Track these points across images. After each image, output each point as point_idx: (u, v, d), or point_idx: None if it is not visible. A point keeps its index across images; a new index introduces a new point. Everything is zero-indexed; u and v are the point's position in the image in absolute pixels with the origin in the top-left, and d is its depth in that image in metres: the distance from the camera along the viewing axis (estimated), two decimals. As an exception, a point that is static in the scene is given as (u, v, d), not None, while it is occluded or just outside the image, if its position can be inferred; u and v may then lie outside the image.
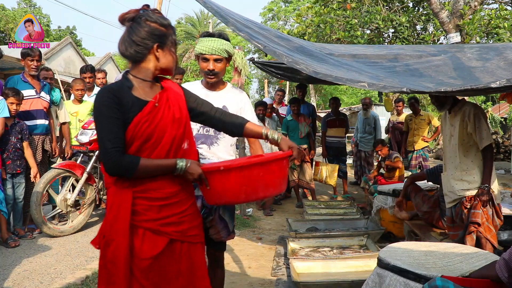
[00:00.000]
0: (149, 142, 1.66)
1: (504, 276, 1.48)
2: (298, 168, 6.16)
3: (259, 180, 1.76)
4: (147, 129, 1.64)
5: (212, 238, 2.30)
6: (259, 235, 4.78)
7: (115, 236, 1.63)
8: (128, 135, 1.63)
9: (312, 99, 24.97)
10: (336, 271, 3.31)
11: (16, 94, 4.21)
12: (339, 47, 4.29)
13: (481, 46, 3.76)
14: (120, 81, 1.71)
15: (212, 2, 2.99)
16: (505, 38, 6.68)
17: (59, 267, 3.62)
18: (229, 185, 1.74)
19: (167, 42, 1.72)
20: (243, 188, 1.74)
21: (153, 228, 1.68)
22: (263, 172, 1.77)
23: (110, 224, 1.65)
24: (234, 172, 1.74)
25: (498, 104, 22.68)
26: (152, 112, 1.66)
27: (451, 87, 2.53)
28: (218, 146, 2.36)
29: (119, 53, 1.72)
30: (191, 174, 1.70)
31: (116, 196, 1.66)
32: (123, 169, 1.60)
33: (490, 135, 3.06)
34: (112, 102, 1.61)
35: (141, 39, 1.65)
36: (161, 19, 1.71)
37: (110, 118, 1.60)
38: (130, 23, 1.67)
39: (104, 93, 1.65)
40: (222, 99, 2.36)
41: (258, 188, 1.78)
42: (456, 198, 3.16)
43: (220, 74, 2.33)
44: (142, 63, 1.70)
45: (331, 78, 2.54)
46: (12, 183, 4.30)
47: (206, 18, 31.87)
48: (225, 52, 2.29)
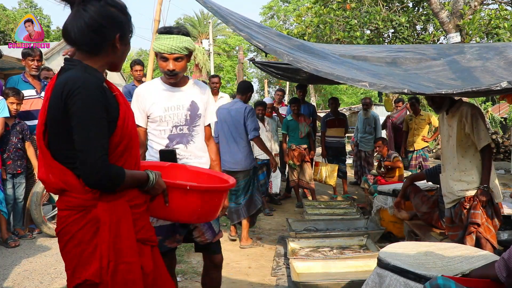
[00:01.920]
0: (132, 141, 1.49)
1: (503, 276, 1.48)
2: (298, 168, 6.16)
3: (213, 205, 1.77)
4: (131, 123, 1.49)
5: (197, 241, 2.24)
6: (259, 235, 4.78)
7: (124, 259, 1.40)
8: (118, 133, 1.42)
9: (312, 99, 24.97)
10: (336, 271, 3.31)
11: (16, 94, 4.21)
12: (338, 48, 4.29)
13: (481, 46, 3.76)
14: (88, 73, 1.40)
15: (212, 2, 2.99)
16: (505, 38, 6.68)
17: (59, 267, 3.62)
18: (186, 205, 1.68)
19: (128, 33, 1.50)
20: (198, 210, 1.70)
21: (141, 238, 1.50)
22: (218, 197, 1.79)
23: (113, 245, 1.39)
24: (196, 193, 1.69)
25: (498, 104, 22.68)
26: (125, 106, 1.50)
27: (452, 89, 2.53)
28: (195, 144, 2.29)
29: (68, 41, 1.42)
30: (156, 190, 1.55)
31: (112, 211, 1.41)
32: (111, 182, 1.37)
33: (488, 135, 3.05)
34: (104, 100, 1.38)
35: (100, 26, 1.39)
36: (121, 3, 1.48)
37: (102, 120, 1.37)
38: (83, 4, 1.39)
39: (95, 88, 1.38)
40: (190, 96, 2.28)
41: (209, 212, 1.78)
42: (455, 199, 3.15)
43: (181, 73, 2.20)
44: (98, 54, 1.44)
45: (332, 77, 2.53)
46: (13, 183, 4.30)
47: (206, 18, 31.87)
48: (185, 50, 2.13)
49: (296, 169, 6.16)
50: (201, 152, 2.33)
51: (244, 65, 22.79)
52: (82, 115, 1.34)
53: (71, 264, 1.43)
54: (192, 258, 3.86)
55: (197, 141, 2.31)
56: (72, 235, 1.41)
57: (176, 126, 2.25)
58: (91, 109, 1.35)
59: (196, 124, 2.30)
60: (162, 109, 2.24)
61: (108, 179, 1.36)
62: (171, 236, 2.17)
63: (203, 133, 2.35)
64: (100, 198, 1.41)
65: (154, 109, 2.24)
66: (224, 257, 2.45)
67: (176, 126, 2.25)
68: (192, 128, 2.28)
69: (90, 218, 1.40)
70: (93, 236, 1.40)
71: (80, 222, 1.40)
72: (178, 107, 2.26)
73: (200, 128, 2.33)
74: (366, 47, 4.44)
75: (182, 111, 2.26)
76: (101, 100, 1.37)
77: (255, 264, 3.82)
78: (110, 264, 1.38)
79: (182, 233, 2.22)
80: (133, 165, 1.54)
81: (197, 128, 2.31)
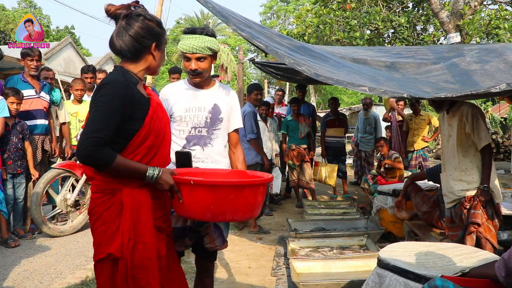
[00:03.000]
0: (159, 137, 1.68)
1: (502, 276, 1.48)
2: (298, 168, 6.16)
3: (229, 202, 1.68)
4: (159, 123, 1.68)
5: (206, 247, 2.18)
6: (259, 235, 4.78)
7: (142, 238, 1.58)
8: (144, 129, 1.62)
9: (312, 98, 24.98)
10: (336, 271, 3.31)
11: (16, 94, 4.21)
12: (338, 50, 4.30)
13: (481, 48, 3.75)
14: (123, 76, 1.65)
15: (213, 2, 2.99)
16: (505, 39, 6.67)
17: (59, 267, 3.62)
18: (196, 201, 1.67)
19: (163, 42, 1.75)
20: (210, 207, 1.67)
21: (158, 225, 1.69)
22: (235, 195, 1.68)
23: (134, 226, 1.59)
24: (203, 189, 1.67)
25: (498, 104, 22.69)
26: (159, 108, 1.72)
27: (451, 93, 2.54)
28: (212, 147, 2.24)
29: (114, 50, 1.69)
30: (161, 185, 1.65)
31: (135, 196, 1.61)
32: (97, 161, 1.53)
33: (488, 135, 3.05)
34: (126, 98, 1.58)
35: (141, 37, 1.65)
36: (157, 19, 1.73)
37: (115, 112, 1.55)
38: (126, 19, 1.65)
39: (117, 83, 1.60)
40: (212, 98, 2.26)
41: (226, 210, 1.70)
42: (455, 199, 3.16)
43: (205, 73, 2.19)
44: (139, 61, 1.70)
45: (332, 81, 2.53)
46: (13, 183, 4.31)
47: (206, 18, 31.89)
48: (208, 50, 2.12)
49: (296, 169, 6.17)
50: (220, 157, 2.27)
51: (244, 65, 22.79)
52: (98, 103, 1.56)
53: (97, 241, 1.64)
54: (192, 258, 3.84)
55: (216, 144, 2.26)
56: (99, 215, 1.63)
57: (195, 128, 2.22)
58: (107, 101, 1.55)
59: (217, 128, 2.25)
60: (183, 109, 2.22)
61: (92, 159, 1.52)
62: (180, 239, 2.12)
63: (224, 138, 2.30)
64: (125, 184, 1.60)
65: (176, 109, 2.23)
66: (224, 257, 2.45)
67: (195, 128, 2.22)
68: (211, 131, 2.24)
69: (114, 201, 1.61)
70: (117, 217, 1.60)
71: (106, 204, 1.62)
72: (199, 108, 2.23)
73: (220, 132, 2.27)
74: (366, 50, 4.44)
75: (203, 113, 2.23)
76: (121, 97, 1.57)
77: (255, 264, 3.82)
78: (130, 242, 1.57)
79: (192, 239, 2.17)
80: (162, 163, 1.72)
81: (217, 132, 2.26)
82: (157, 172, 1.63)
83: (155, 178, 1.62)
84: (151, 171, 1.62)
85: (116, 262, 1.59)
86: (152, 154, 1.67)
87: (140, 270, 1.57)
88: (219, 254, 3.86)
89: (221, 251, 3.89)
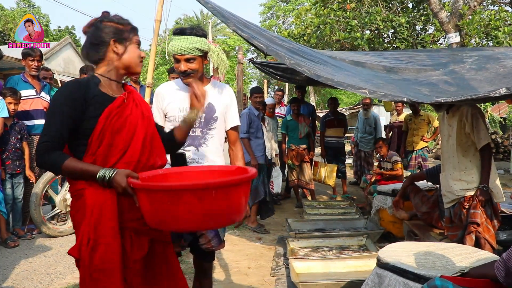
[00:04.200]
0: (121, 134, 1.61)
1: (501, 276, 1.48)
2: (297, 168, 6.16)
3: (166, 210, 1.39)
4: (118, 121, 1.61)
5: (202, 248, 2.17)
6: (258, 235, 4.78)
7: (102, 239, 1.52)
8: (99, 127, 1.58)
9: (311, 98, 24.98)
10: (336, 271, 3.31)
11: (14, 94, 4.21)
12: (338, 54, 4.31)
13: (480, 55, 3.76)
14: (86, 77, 1.69)
15: (213, 2, 2.99)
16: (504, 42, 6.66)
17: (59, 267, 3.62)
18: (149, 208, 1.45)
19: (125, 37, 1.70)
20: (160, 214, 1.42)
21: (136, 227, 1.62)
22: (171, 201, 1.38)
23: (94, 227, 1.53)
24: (158, 193, 1.41)
25: (497, 104, 22.70)
26: (122, 106, 1.65)
27: (451, 97, 2.54)
28: (207, 147, 2.21)
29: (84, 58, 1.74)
30: (116, 187, 1.53)
31: (97, 196, 1.55)
32: (47, 165, 1.56)
33: (488, 135, 3.06)
34: (74, 95, 1.57)
35: (98, 37, 1.67)
36: (119, 19, 1.72)
37: (64, 114, 1.55)
38: (90, 29, 1.70)
39: (70, 84, 1.62)
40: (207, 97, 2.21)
41: (166, 219, 1.42)
42: (454, 198, 3.16)
43: (196, 74, 2.14)
44: (104, 61, 1.70)
45: (332, 83, 2.54)
46: (12, 183, 4.30)
47: (205, 18, 31.89)
48: (197, 51, 2.08)
49: (295, 169, 6.17)
50: (215, 156, 2.24)
51: (243, 66, 22.77)
52: (49, 108, 1.63)
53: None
54: (191, 258, 3.85)
55: (211, 144, 2.23)
56: (73, 217, 1.65)
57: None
58: (55, 105, 1.59)
59: (211, 127, 2.23)
60: (176, 109, 2.20)
61: (43, 164, 1.56)
62: (176, 240, 2.11)
63: (220, 137, 2.26)
64: (90, 185, 1.57)
65: (169, 108, 2.21)
66: (223, 257, 2.45)
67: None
68: (205, 131, 2.21)
69: (81, 203, 1.59)
70: (82, 218, 1.58)
71: (75, 207, 1.63)
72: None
73: (215, 132, 2.24)
74: (365, 55, 4.44)
75: None
76: (70, 98, 1.57)
77: (255, 264, 3.82)
78: (90, 242, 1.53)
79: (187, 239, 2.17)
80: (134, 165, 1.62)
81: (212, 131, 2.23)
82: (110, 173, 1.53)
83: (107, 179, 1.52)
84: (102, 172, 1.53)
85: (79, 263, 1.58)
86: (117, 153, 1.60)
87: (100, 272, 1.51)
88: (218, 254, 3.87)
89: (221, 251, 3.90)
